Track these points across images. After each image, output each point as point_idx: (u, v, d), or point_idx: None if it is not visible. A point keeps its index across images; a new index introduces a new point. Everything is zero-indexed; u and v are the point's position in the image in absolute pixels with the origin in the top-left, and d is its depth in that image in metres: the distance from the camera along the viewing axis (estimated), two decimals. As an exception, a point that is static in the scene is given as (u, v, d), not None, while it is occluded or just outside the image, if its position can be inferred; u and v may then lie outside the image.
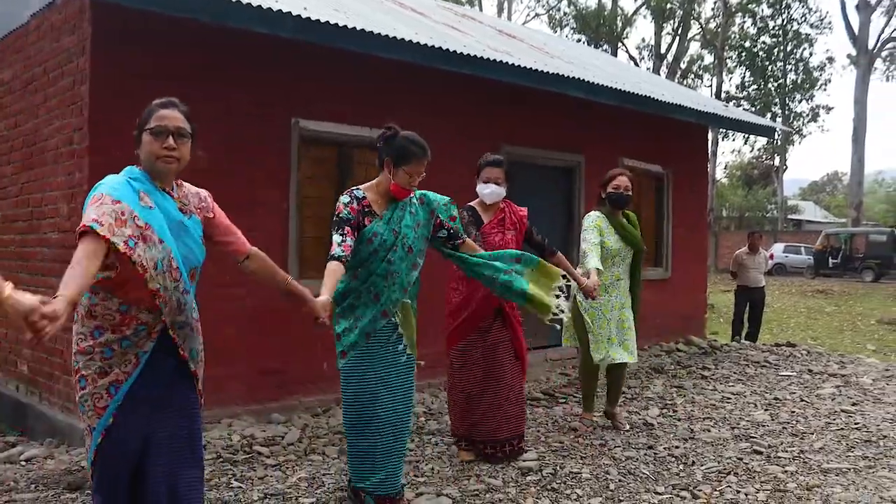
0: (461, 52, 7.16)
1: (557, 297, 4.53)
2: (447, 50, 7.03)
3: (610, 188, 6.10)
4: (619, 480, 4.97)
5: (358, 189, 4.17)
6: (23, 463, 5.43)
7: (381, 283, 4.04)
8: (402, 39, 6.66)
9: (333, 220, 3.98)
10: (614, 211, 6.13)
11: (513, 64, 7.69)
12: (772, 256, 37.14)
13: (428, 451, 5.60)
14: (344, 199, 4.08)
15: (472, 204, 5.38)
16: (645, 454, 5.55)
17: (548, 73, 8.02)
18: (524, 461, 5.25)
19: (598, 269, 5.57)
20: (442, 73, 7.45)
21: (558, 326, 4.84)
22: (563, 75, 8.22)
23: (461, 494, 4.64)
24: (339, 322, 4.10)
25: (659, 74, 39.48)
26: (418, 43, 6.78)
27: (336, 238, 3.87)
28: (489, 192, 5.30)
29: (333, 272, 3.71)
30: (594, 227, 5.97)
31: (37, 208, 6.65)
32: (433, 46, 6.91)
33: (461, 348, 5.28)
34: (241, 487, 4.73)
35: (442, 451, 5.57)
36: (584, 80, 8.47)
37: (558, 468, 5.17)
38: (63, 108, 6.24)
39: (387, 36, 6.54)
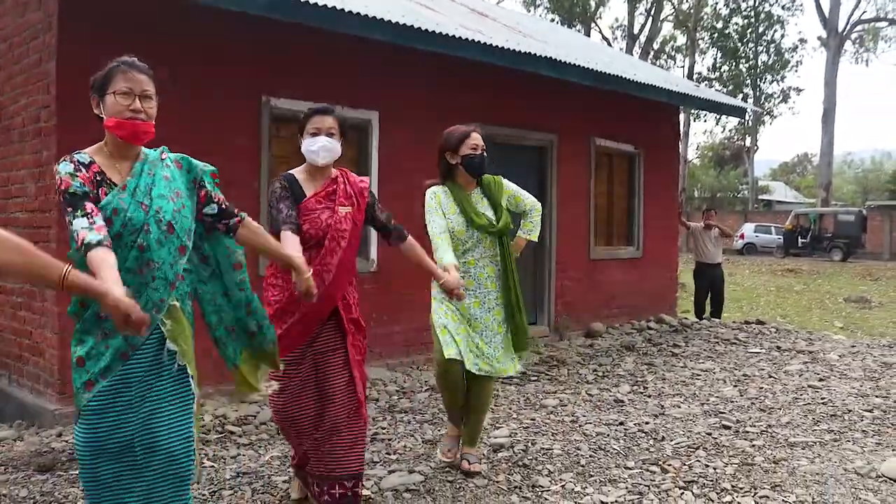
0: (433, 31, 7.12)
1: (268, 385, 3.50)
2: (419, 28, 7.00)
3: (466, 149, 4.61)
4: (590, 456, 5.02)
5: (80, 153, 2.87)
6: (-8, 445, 5.38)
7: (133, 280, 2.69)
8: (374, 17, 6.61)
9: (63, 199, 2.65)
10: (469, 181, 4.72)
11: (485, 43, 7.67)
12: (742, 236, 37.61)
13: (400, 429, 5.62)
14: (65, 167, 2.73)
15: (291, 172, 3.97)
16: (615, 430, 5.60)
17: (520, 51, 8.02)
18: (495, 438, 5.29)
19: (454, 263, 4.37)
20: (414, 51, 7.42)
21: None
22: (534, 54, 8.21)
23: (433, 471, 4.67)
24: (82, 341, 2.76)
25: (632, 55, 39.55)
26: (390, 21, 6.74)
27: (79, 222, 2.58)
28: (319, 147, 3.79)
29: (107, 263, 2.48)
30: (435, 208, 4.61)
31: (3, 187, 6.56)
32: (405, 24, 6.87)
33: (285, 363, 3.70)
34: (213, 466, 4.73)
35: (414, 429, 5.60)
36: (556, 59, 8.47)
37: (529, 444, 5.22)
38: (29, 85, 6.15)
39: (358, 14, 6.50)
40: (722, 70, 46.23)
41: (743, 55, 45.83)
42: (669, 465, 4.82)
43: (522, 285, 4.46)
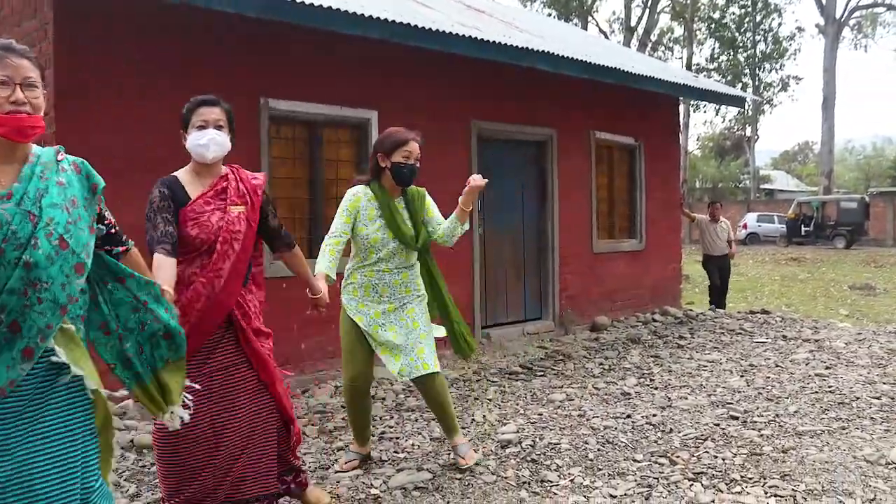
0: (428, 28, 7.10)
1: (186, 406, 2.85)
2: (414, 26, 6.98)
3: (399, 157, 4.42)
4: (598, 450, 5.01)
5: None
6: None
7: (16, 303, 2.25)
8: (370, 16, 6.59)
9: None
10: (395, 187, 4.52)
11: (481, 39, 7.65)
12: (745, 226, 37.55)
13: (408, 427, 5.61)
14: None
15: (174, 174, 3.53)
16: (623, 423, 5.59)
17: (516, 47, 8.00)
18: (503, 434, 5.28)
19: (327, 275, 4.16)
20: (411, 49, 7.41)
21: None
22: (531, 49, 8.19)
23: (441, 469, 4.66)
24: None
25: (629, 47, 39.50)
26: (385, 19, 6.72)
27: None
28: (208, 140, 3.43)
29: None
30: (347, 211, 4.43)
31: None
32: (400, 22, 6.85)
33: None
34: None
35: (421, 427, 5.58)
36: (552, 53, 8.44)
37: (537, 440, 5.20)
38: (27, 94, 6.13)
39: (354, 13, 6.48)
40: (720, 60, 46.17)
41: (741, 45, 45.77)
42: (678, 456, 4.81)
43: (527, 280, 4.45)
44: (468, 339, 4.83)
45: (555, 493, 4.28)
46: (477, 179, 4.43)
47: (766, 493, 4.21)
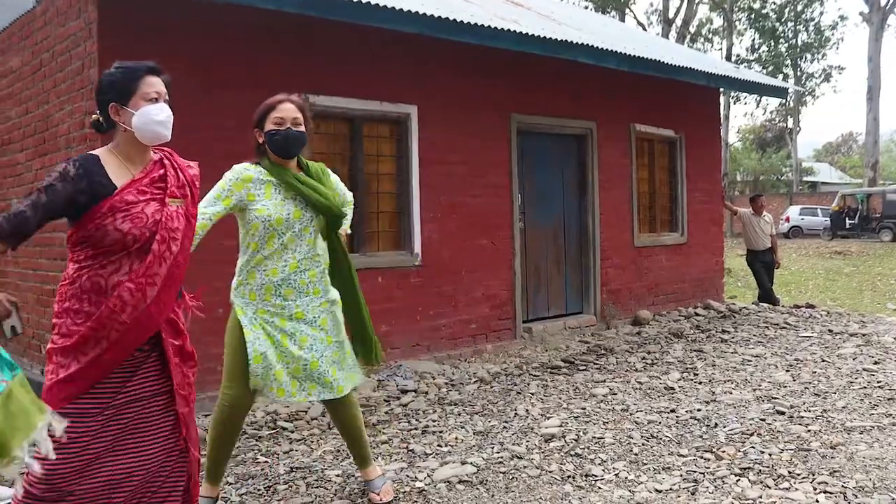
0: (468, 22, 7.09)
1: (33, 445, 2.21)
2: (454, 20, 6.97)
3: (270, 125, 3.77)
4: (643, 444, 4.97)
5: None
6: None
7: None
8: (409, 11, 6.60)
9: None
10: (283, 161, 3.82)
11: (520, 32, 7.62)
12: (787, 219, 37.00)
13: (451, 421, 5.62)
14: None
15: (96, 152, 2.88)
16: (667, 417, 5.54)
17: (556, 39, 7.95)
18: (546, 428, 5.27)
19: None
20: (450, 43, 7.40)
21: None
22: (571, 42, 8.14)
23: (485, 462, 4.66)
24: None
25: (668, 39, 39.10)
26: (424, 14, 6.72)
27: None
28: (166, 117, 2.89)
29: None
30: (221, 191, 3.72)
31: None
32: (440, 17, 6.85)
33: (75, 410, 2.67)
34: (266, 462, 4.78)
35: (465, 421, 5.59)
36: (592, 45, 8.39)
37: (581, 433, 5.18)
38: (73, 93, 6.24)
39: (393, 8, 6.49)
40: (761, 51, 45.48)
41: (782, 35, 45.04)
42: (724, 451, 4.76)
43: (568, 274, 4.20)
44: (378, 348, 4.12)
45: (599, 488, 4.26)
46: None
47: (814, 489, 4.14)
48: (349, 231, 4.25)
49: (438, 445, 5.05)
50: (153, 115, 2.84)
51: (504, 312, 8.45)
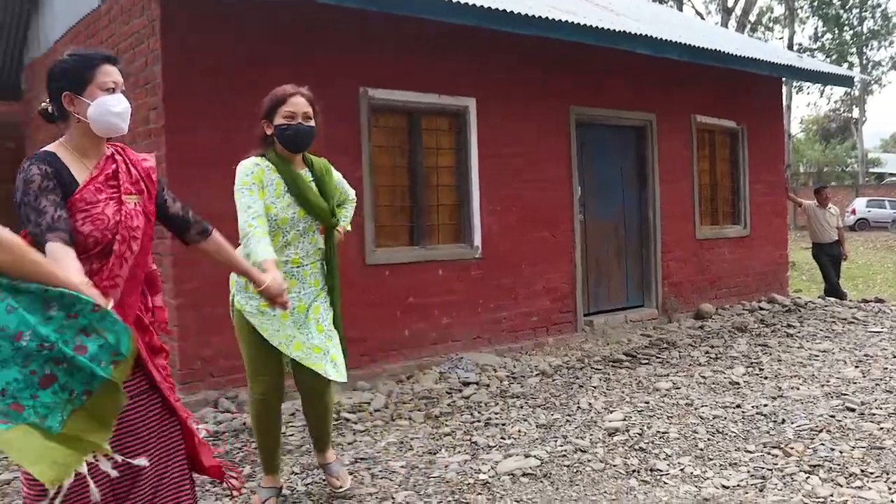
0: (525, 14, 7.06)
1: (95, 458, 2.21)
2: (511, 12, 6.94)
3: (280, 118, 3.77)
4: (708, 439, 4.90)
5: None
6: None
7: None
8: (465, 3, 6.59)
9: None
10: (290, 155, 3.85)
11: (578, 23, 7.55)
12: (853, 212, 36.08)
13: (513, 413, 5.61)
14: None
15: (50, 148, 2.67)
16: (732, 413, 5.46)
17: (614, 30, 7.86)
18: (610, 421, 5.23)
19: (273, 259, 3.49)
20: (507, 35, 7.37)
21: None
22: (629, 32, 8.05)
23: (549, 455, 4.64)
24: None
25: (727, 28, 38.41)
26: (481, 6, 6.71)
27: None
28: (124, 109, 2.67)
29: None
30: (249, 186, 3.68)
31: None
32: (496, 9, 6.82)
33: None
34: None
35: (527, 414, 5.58)
36: (651, 36, 8.28)
37: (645, 428, 5.13)
38: (137, 89, 6.36)
39: (450, 1, 6.50)
40: (824, 39, 44.40)
41: (846, 22, 43.90)
42: (792, 448, 4.67)
43: (629, 267, 4.17)
44: (343, 342, 3.98)
45: (665, 483, 4.21)
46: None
47: (889, 488, 4.03)
48: (348, 228, 4.24)
49: (501, 438, 5.04)
50: (110, 106, 2.62)
51: (565, 305, 8.41)
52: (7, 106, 9.96)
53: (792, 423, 5.18)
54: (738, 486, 4.13)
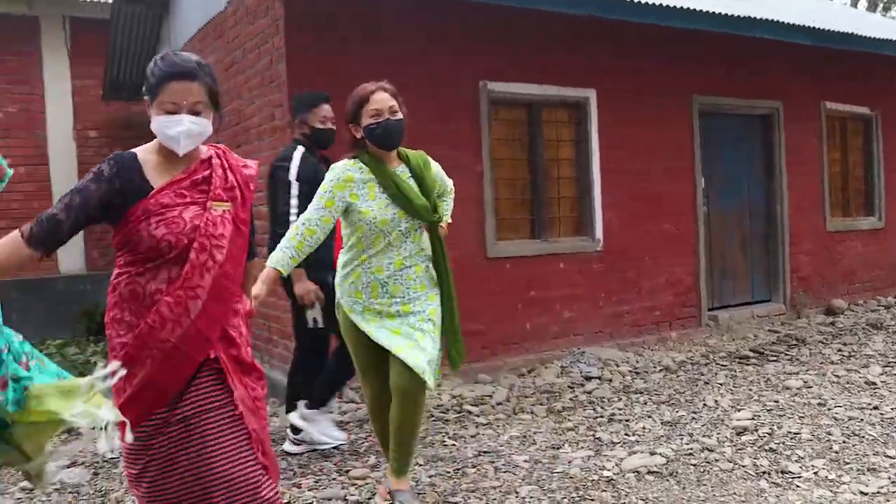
0: (645, 2, 6.92)
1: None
2: (629, 0, 6.82)
3: (367, 118, 3.62)
4: (843, 442, 4.70)
5: None
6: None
7: None
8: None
9: None
10: (384, 153, 3.71)
11: (698, 10, 7.34)
12: None
13: (637, 409, 5.53)
14: None
15: (135, 150, 2.61)
16: (870, 415, 5.21)
17: (738, 16, 7.61)
18: (738, 420, 5.08)
19: (280, 272, 3.39)
20: (626, 24, 7.26)
21: None
22: (754, 18, 7.77)
23: (675, 454, 4.55)
24: None
25: (857, 9, 36.63)
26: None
27: None
28: (179, 132, 2.51)
29: None
30: (329, 192, 3.58)
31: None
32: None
33: (137, 446, 2.47)
34: (454, 445, 4.88)
35: (651, 411, 5.49)
36: (779, 21, 7.97)
37: (775, 428, 4.96)
38: (263, 87, 6.56)
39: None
40: (965, 18, 41.84)
41: None
42: (938, 453, 4.43)
43: (755, 260, 3.99)
44: (463, 350, 3.94)
45: (797, 486, 4.07)
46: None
47: None
48: (450, 220, 4.07)
49: (625, 434, 4.98)
50: (165, 129, 2.51)
51: (688, 299, 8.23)
52: (142, 105, 10.43)
53: (936, 426, 4.92)
54: (878, 492, 3.94)
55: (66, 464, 2.21)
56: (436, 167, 3.90)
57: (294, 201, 4.56)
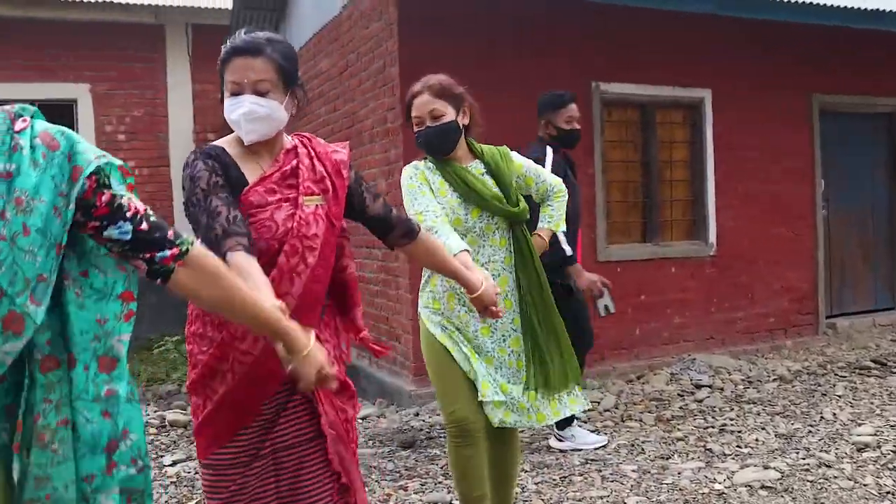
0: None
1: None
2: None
3: (413, 125, 3.26)
4: (978, 463, 4.46)
5: None
6: (359, 421, 5.94)
7: None
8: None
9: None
10: (464, 154, 3.31)
11: (812, 3, 7.05)
12: None
13: (749, 421, 5.38)
14: None
15: (219, 142, 2.32)
16: None
17: (863, 9, 7.29)
18: (858, 436, 4.88)
19: (469, 250, 2.95)
20: (739, 21, 7.08)
21: None
22: (882, 10, 7.42)
23: (790, 468, 4.41)
24: None
25: None
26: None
27: None
28: (240, 115, 2.19)
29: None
30: (419, 187, 3.18)
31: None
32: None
33: (218, 465, 2.23)
34: (561, 452, 4.85)
35: (765, 422, 5.33)
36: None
37: (900, 445, 4.76)
38: (376, 90, 6.68)
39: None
40: None
41: None
42: None
43: (878, 266, 3.70)
44: (575, 366, 3.36)
45: (926, 509, 3.89)
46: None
47: None
48: (563, 228, 3.68)
49: (738, 446, 4.85)
50: (228, 113, 2.23)
51: (805, 306, 7.95)
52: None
53: None
54: None
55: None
56: (527, 162, 3.51)
57: None
